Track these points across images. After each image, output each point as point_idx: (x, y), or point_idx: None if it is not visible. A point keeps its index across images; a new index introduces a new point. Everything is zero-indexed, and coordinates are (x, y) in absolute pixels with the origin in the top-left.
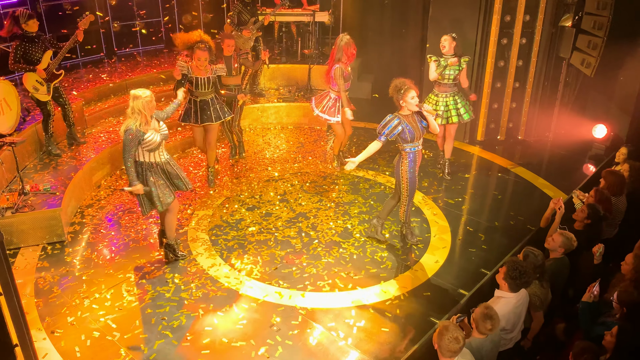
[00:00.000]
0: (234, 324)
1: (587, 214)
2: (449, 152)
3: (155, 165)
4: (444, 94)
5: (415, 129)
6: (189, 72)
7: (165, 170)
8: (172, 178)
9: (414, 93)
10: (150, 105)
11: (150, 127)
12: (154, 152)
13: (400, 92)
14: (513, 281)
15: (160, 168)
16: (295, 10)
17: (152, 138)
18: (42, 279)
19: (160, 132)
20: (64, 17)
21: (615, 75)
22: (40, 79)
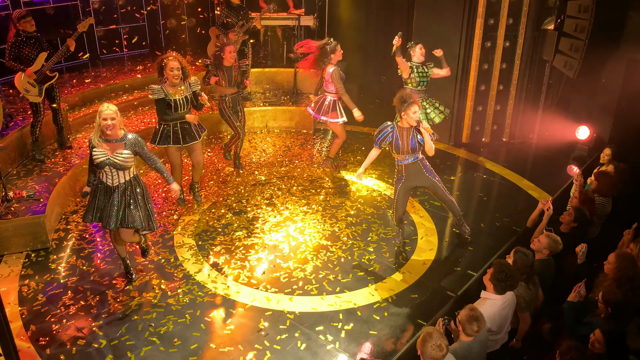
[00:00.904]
0: (222, 329)
1: (573, 217)
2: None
3: (100, 182)
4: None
5: (403, 142)
6: (166, 95)
7: (109, 194)
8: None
9: (417, 108)
10: (103, 114)
11: (103, 145)
12: (100, 170)
13: (404, 105)
14: (499, 283)
15: (102, 189)
16: (281, 14)
17: (95, 155)
18: (26, 287)
19: (113, 157)
20: (47, 22)
21: (597, 78)
22: (31, 80)
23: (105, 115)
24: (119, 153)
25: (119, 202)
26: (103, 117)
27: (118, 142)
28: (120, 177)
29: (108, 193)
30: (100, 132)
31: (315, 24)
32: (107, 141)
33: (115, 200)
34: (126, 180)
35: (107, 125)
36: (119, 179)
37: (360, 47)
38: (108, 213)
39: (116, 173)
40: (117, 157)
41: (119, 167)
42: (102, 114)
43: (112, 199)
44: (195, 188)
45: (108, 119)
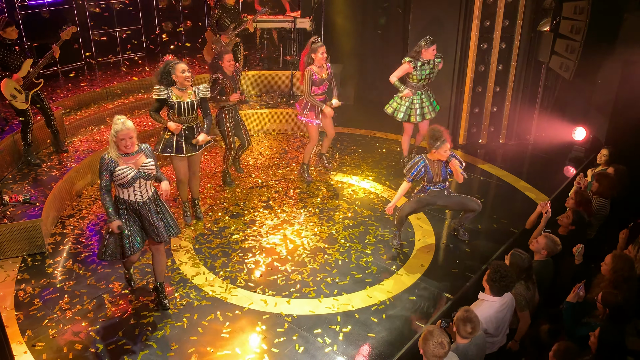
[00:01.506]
0: (219, 332)
1: (571, 219)
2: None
3: (127, 204)
4: (419, 92)
5: (435, 174)
6: (169, 97)
7: (139, 213)
8: (144, 225)
9: (448, 147)
10: (121, 134)
11: (127, 160)
12: (126, 188)
13: (436, 143)
14: (494, 284)
15: (133, 209)
16: (277, 17)
17: (123, 172)
18: (22, 291)
19: (140, 168)
20: (43, 26)
21: (593, 79)
22: (18, 86)
23: (123, 135)
24: (145, 163)
25: (156, 214)
26: (121, 137)
27: (137, 154)
28: (149, 188)
29: (138, 212)
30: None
31: (311, 27)
32: (126, 155)
33: (153, 215)
34: (153, 191)
35: (127, 145)
36: (147, 192)
37: (356, 50)
38: (155, 227)
39: (144, 185)
40: (145, 168)
41: (149, 177)
42: (120, 134)
43: (148, 214)
44: (197, 206)
45: (127, 139)
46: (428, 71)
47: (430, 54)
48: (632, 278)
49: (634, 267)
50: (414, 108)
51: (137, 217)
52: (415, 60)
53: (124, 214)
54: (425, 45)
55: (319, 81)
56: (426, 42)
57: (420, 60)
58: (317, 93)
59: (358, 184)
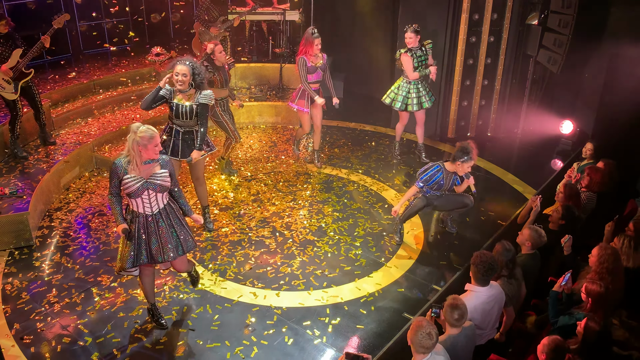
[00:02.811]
0: (208, 325)
1: (561, 214)
2: (421, 137)
3: (134, 215)
4: (415, 82)
5: (447, 183)
6: (170, 97)
7: (146, 227)
8: (149, 239)
9: (472, 163)
10: (143, 145)
11: (137, 169)
12: (134, 199)
13: (464, 156)
14: (478, 272)
15: (139, 222)
16: (266, 9)
17: (129, 182)
18: (9, 285)
19: (150, 179)
20: (29, 17)
21: (581, 72)
22: (7, 77)
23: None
24: (157, 174)
25: (169, 229)
26: (144, 143)
27: (152, 163)
28: (159, 201)
29: (148, 224)
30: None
31: (300, 19)
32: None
33: (165, 229)
34: (165, 204)
35: (156, 151)
36: (158, 204)
37: (346, 43)
38: (161, 245)
39: (155, 197)
40: (156, 179)
41: (161, 189)
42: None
43: (158, 228)
44: (207, 215)
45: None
46: (423, 57)
47: (412, 41)
48: (617, 269)
49: (619, 258)
50: (411, 97)
51: (144, 231)
52: (410, 50)
53: (137, 225)
54: (405, 31)
55: (312, 69)
56: (406, 28)
57: (412, 48)
58: (310, 81)
59: (347, 177)
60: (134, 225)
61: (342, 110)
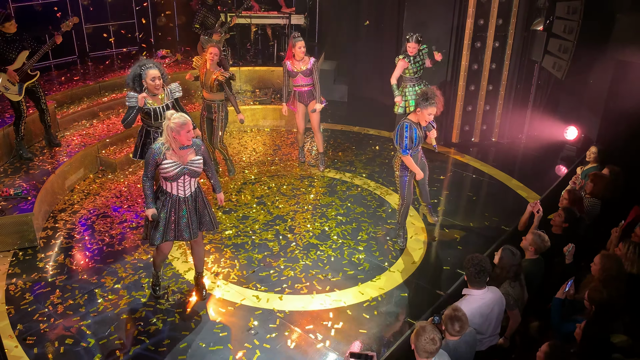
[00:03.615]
0: (211, 328)
1: (564, 217)
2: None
3: (169, 196)
4: (412, 84)
5: (420, 135)
6: (144, 104)
7: (178, 208)
8: (179, 221)
9: (434, 111)
10: (176, 131)
11: (176, 155)
12: (171, 182)
13: (425, 102)
14: (470, 275)
15: (172, 203)
16: (271, 13)
17: (168, 167)
18: (13, 286)
19: (188, 165)
20: (35, 18)
21: (585, 78)
22: (12, 78)
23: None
24: (193, 160)
25: (193, 211)
26: (177, 129)
27: (187, 149)
28: (192, 185)
29: (178, 205)
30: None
31: (305, 23)
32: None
33: (188, 210)
34: (196, 187)
35: (189, 137)
36: (191, 188)
37: (350, 47)
38: (184, 225)
39: (189, 182)
40: (193, 165)
41: (195, 174)
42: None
43: (185, 209)
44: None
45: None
46: (420, 62)
47: (411, 50)
48: (620, 277)
49: (622, 266)
50: (409, 100)
51: (174, 212)
52: (407, 56)
53: (162, 205)
54: (407, 40)
55: (293, 73)
56: (409, 37)
57: (408, 55)
58: (296, 84)
59: (351, 180)
60: (164, 207)
61: (346, 114)
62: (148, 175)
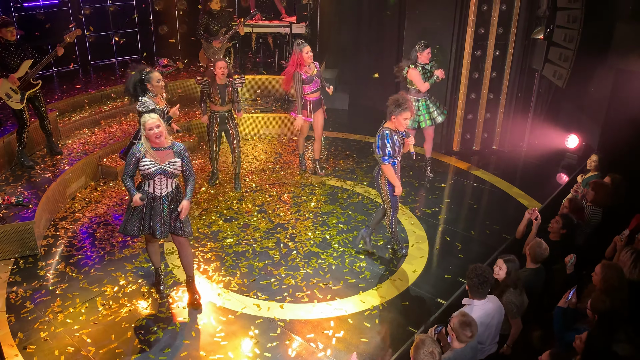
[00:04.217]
0: (212, 336)
1: (561, 224)
2: (429, 152)
3: (146, 193)
4: (420, 99)
5: (399, 143)
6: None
7: (152, 205)
8: (153, 217)
9: (408, 115)
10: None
11: (154, 154)
12: (147, 180)
13: (398, 109)
14: (473, 285)
15: (148, 201)
16: (273, 22)
17: (145, 165)
18: (14, 294)
19: (164, 165)
20: (38, 28)
21: (586, 87)
22: (14, 86)
23: (150, 124)
24: (171, 162)
25: (168, 211)
26: (148, 127)
27: (167, 150)
28: (169, 185)
29: (153, 203)
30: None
31: (307, 32)
32: (156, 149)
33: (164, 209)
34: (173, 189)
35: (155, 134)
36: (167, 188)
37: (351, 55)
38: (159, 222)
39: (165, 181)
40: (169, 166)
41: (171, 175)
42: (147, 124)
43: (160, 207)
44: None
45: (154, 128)
46: (429, 73)
47: (425, 58)
48: (622, 286)
49: (623, 275)
50: (421, 114)
51: (149, 209)
52: (417, 66)
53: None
54: (420, 49)
55: (309, 79)
56: (420, 47)
57: (419, 64)
58: (309, 91)
59: (352, 188)
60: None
61: (347, 122)
62: (127, 174)
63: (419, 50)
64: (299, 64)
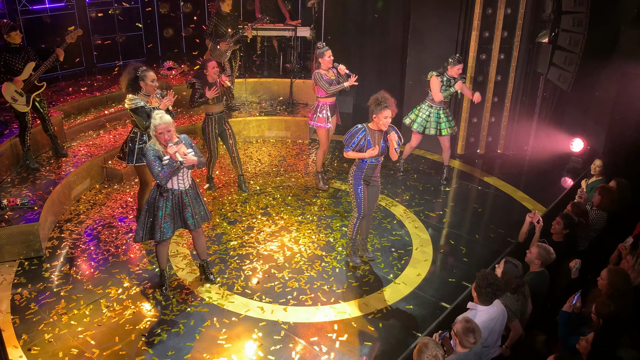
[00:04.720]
0: (215, 339)
1: (563, 224)
2: (447, 160)
3: (171, 192)
4: (435, 106)
5: (375, 144)
6: (144, 104)
7: (180, 201)
8: (183, 211)
9: (389, 114)
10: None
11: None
12: (174, 177)
13: (378, 107)
14: (482, 291)
15: (175, 196)
16: (277, 25)
17: (170, 162)
18: (18, 295)
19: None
20: (44, 30)
21: (591, 90)
22: (19, 89)
23: (162, 129)
24: (187, 153)
25: (193, 202)
26: (159, 130)
27: (178, 144)
28: (189, 177)
29: (182, 199)
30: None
31: (311, 35)
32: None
33: (192, 201)
34: (192, 180)
35: (166, 138)
36: (188, 179)
37: (356, 59)
38: (190, 214)
39: (186, 174)
40: (188, 157)
41: (190, 166)
42: (159, 127)
43: (188, 199)
44: None
45: (165, 132)
46: (451, 82)
47: (454, 72)
48: (627, 292)
49: (629, 280)
50: (430, 121)
51: (177, 206)
52: (442, 75)
53: (164, 202)
54: (451, 63)
55: (329, 82)
56: (453, 60)
57: (446, 76)
58: (325, 95)
59: None
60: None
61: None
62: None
63: (451, 63)
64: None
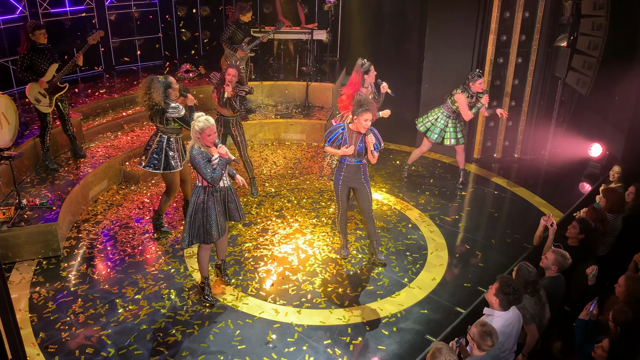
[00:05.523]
0: (229, 340)
1: (579, 229)
2: (462, 164)
3: (219, 190)
4: (452, 115)
5: (351, 145)
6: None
7: (227, 196)
8: (229, 207)
9: (369, 117)
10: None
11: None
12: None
13: (359, 109)
14: (505, 297)
15: (222, 194)
16: (294, 29)
17: (219, 161)
18: (36, 294)
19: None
20: (64, 33)
21: (610, 95)
22: (43, 90)
23: (210, 131)
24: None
25: (235, 195)
26: (208, 133)
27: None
28: (227, 175)
29: (227, 194)
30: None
31: (327, 39)
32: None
33: (235, 197)
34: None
35: (212, 140)
36: (228, 177)
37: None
38: (235, 209)
39: (227, 171)
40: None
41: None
42: (207, 130)
43: (231, 195)
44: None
45: (212, 134)
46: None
47: (477, 87)
48: None
49: None
50: (449, 131)
51: (224, 203)
52: (466, 92)
53: (214, 201)
54: (472, 79)
55: None
56: (473, 76)
57: (470, 92)
58: None
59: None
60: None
61: None
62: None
63: (471, 79)
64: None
